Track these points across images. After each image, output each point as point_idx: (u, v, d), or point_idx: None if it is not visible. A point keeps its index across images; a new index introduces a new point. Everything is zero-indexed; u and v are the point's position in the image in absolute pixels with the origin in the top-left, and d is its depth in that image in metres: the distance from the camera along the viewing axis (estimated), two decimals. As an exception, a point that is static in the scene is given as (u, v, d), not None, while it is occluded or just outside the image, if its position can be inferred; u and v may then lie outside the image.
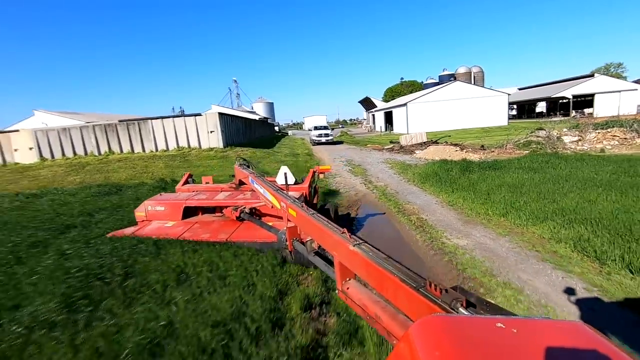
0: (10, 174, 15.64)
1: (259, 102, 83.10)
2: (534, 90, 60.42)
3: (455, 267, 4.90)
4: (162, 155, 17.08)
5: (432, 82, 61.02)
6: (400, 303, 1.60)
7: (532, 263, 4.87)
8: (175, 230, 5.49)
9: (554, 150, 17.50)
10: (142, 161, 16.00)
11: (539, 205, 6.82)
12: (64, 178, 14.47)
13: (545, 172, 9.66)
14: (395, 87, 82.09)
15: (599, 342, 0.79)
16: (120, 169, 15.15)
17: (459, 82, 41.88)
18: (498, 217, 6.78)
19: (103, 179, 13.88)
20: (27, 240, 5.61)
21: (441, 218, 7.18)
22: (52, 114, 34.83)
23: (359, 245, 1.97)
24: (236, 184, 6.33)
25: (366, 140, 32.96)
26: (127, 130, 17.59)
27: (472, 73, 64.15)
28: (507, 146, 19.58)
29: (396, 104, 46.80)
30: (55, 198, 10.77)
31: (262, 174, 5.85)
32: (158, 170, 14.64)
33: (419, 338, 0.84)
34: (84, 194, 11.09)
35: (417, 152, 19.24)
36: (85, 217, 7.20)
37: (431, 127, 36.57)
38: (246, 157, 17.64)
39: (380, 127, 52.33)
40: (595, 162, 11.21)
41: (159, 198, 6.23)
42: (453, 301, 1.26)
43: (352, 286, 2.19)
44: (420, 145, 20.35)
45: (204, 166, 15.47)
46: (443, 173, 10.85)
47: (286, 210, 3.20)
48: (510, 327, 0.82)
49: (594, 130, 20.49)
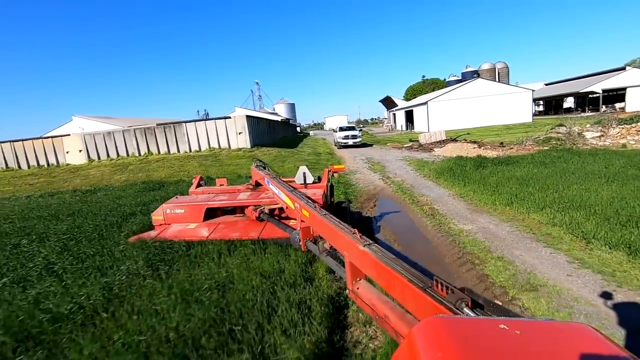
0: (64, 174, 17.54)
1: (280, 104, 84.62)
2: (562, 86, 58.72)
3: (457, 245, 5.72)
4: (196, 155, 18.57)
5: (454, 79, 60.32)
6: (407, 303, 1.62)
7: (526, 243, 5.61)
8: (201, 232, 5.55)
9: (574, 146, 17.62)
10: (178, 161, 17.52)
11: (541, 196, 7.46)
12: (111, 177, 16.13)
13: (554, 167, 10.17)
14: (416, 86, 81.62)
15: (602, 344, 0.78)
16: (159, 168, 16.69)
17: (480, 80, 41.64)
18: (503, 207, 7.48)
19: (145, 177, 15.41)
20: (103, 222, 6.91)
21: (451, 208, 7.94)
22: (88, 118, 36.94)
23: (369, 246, 2.01)
24: (253, 185, 6.45)
25: (386, 139, 33.54)
26: (164, 133, 19.24)
27: (496, 69, 62.95)
28: (526, 143, 19.75)
29: (417, 103, 46.98)
30: (108, 193, 12.27)
31: (277, 175, 6.02)
32: (193, 169, 16.03)
33: (422, 339, 0.84)
34: (132, 189, 12.54)
35: (436, 150, 19.78)
36: (143, 207, 8.47)
37: (452, 125, 36.62)
38: (272, 156, 18.85)
39: (401, 126, 52.56)
40: (609, 156, 11.51)
41: (177, 201, 6.21)
42: (458, 301, 1.28)
43: (362, 286, 2.23)
44: (439, 143, 20.86)
45: (233, 165, 16.74)
46: (457, 169, 11.50)
47: (300, 210, 3.25)
48: (514, 328, 0.82)
49: (618, 126, 20.27)
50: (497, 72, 62.77)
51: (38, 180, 16.59)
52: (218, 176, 13.73)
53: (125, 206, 8.79)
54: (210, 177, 14.04)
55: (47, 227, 7.17)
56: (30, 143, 19.52)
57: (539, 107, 67.87)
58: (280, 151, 21.14)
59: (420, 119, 42.35)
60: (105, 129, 27.25)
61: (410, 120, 47.71)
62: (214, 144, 19.47)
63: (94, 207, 9.32)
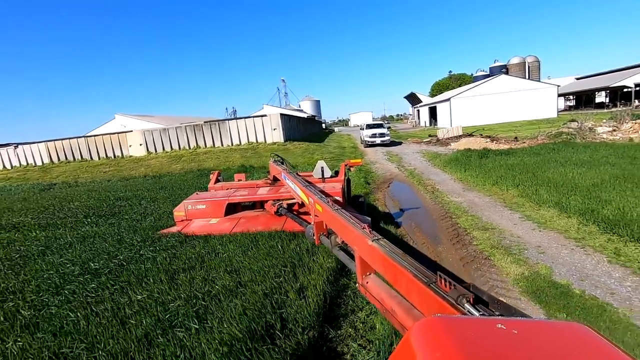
0: (129, 164, 20.86)
1: (306, 100, 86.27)
2: (593, 80, 57.40)
3: (444, 209, 7.87)
4: (237, 148, 21.38)
5: (482, 74, 59.18)
6: (413, 298, 1.66)
7: (496, 208, 7.66)
8: (224, 226, 5.67)
9: (584, 140, 18.88)
10: (223, 153, 20.37)
11: (521, 177, 9.38)
12: (169, 166, 19.20)
13: (544, 156, 11.95)
14: (442, 81, 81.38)
15: (599, 344, 0.79)
16: (207, 159, 19.60)
17: (504, 76, 42.18)
18: (490, 186, 9.47)
19: (197, 166, 18.33)
20: (180, 192, 9.62)
21: (449, 188, 10.02)
22: (129, 117, 38.67)
23: (377, 241, 2.04)
24: (271, 179, 6.56)
25: (408, 135, 35.25)
26: (210, 129, 22.27)
27: (526, 63, 61.90)
28: (539, 137, 21.08)
29: (440, 99, 47.98)
30: (172, 178, 15.18)
31: (294, 169, 6.10)
32: (236, 160, 18.79)
33: (419, 339, 0.84)
34: (190, 175, 15.41)
35: (452, 144, 21.50)
36: (204, 185, 11.15)
37: (475, 121, 37.62)
38: (302, 149, 21.32)
39: (424, 122, 53.61)
40: (603, 148, 13.03)
41: (198, 197, 6.32)
42: (460, 297, 1.30)
43: (371, 280, 2.25)
44: (456, 138, 22.55)
45: (269, 156, 19.35)
46: (463, 159, 13.44)
47: (314, 205, 3.29)
48: (511, 328, 0.82)
49: (631, 121, 21.13)
50: (527, 67, 61.70)
51: (109, 169, 19.95)
52: (259, 166, 16.42)
53: (191, 186, 11.54)
54: (252, 166, 16.71)
55: (154, 194, 10.05)
56: (100, 138, 23.19)
57: (570, 102, 66.46)
58: (309, 145, 23.58)
59: (443, 115, 43.45)
60: (144, 126, 30.45)
61: (434, 116, 48.75)
62: (252, 139, 22.25)
63: (167, 185, 12.15)
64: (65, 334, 3.12)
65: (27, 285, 4.33)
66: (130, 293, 3.85)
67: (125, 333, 3.05)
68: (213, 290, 3.77)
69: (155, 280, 4.09)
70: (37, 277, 4.51)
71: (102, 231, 6.51)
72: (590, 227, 5.74)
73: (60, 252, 5.44)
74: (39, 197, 12.16)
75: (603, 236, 5.36)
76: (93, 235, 6.12)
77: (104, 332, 3.08)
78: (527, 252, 5.19)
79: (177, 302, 3.56)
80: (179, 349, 2.80)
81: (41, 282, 4.34)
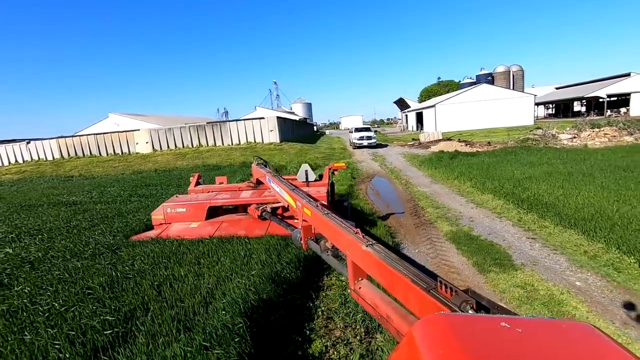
0: (137, 160, 22.62)
1: (297, 103, 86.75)
2: (570, 90, 60.97)
3: (412, 196, 10.03)
4: (237, 147, 23.35)
5: (469, 81, 61.47)
6: (410, 304, 1.61)
7: (452, 195, 9.85)
8: (205, 230, 5.53)
9: (546, 145, 21.37)
10: (224, 151, 22.32)
11: (476, 173, 11.62)
12: (175, 162, 21.06)
13: (501, 158, 14.28)
14: (431, 87, 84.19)
15: (604, 343, 0.79)
16: (210, 156, 21.52)
17: (485, 85, 45.00)
18: (452, 180, 11.69)
19: (201, 163, 20.23)
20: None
21: (420, 181, 12.21)
22: (123, 116, 39.14)
23: (372, 246, 2.01)
24: (254, 183, 6.37)
25: (395, 138, 37.65)
26: (212, 129, 24.23)
27: (511, 72, 64.90)
28: (509, 142, 23.57)
29: (426, 105, 50.65)
30: (182, 172, 17.05)
31: (278, 172, 5.91)
32: (237, 157, 20.75)
33: (422, 336, 0.84)
34: (197, 170, 17.27)
35: (432, 147, 23.84)
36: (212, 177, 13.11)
37: (458, 126, 40.22)
38: (296, 149, 23.38)
39: (412, 127, 56.21)
40: (553, 152, 15.45)
41: (178, 200, 6.19)
42: (463, 303, 1.28)
43: (364, 286, 2.21)
44: (436, 142, 24.92)
45: (267, 155, 21.33)
46: (436, 159, 15.71)
47: (301, 209, 3.22)
48: (515, 326, 0.82)
49: (589, 129, 23.80)
50: (511, 75, 64.77)
51: (119, 164, 21.67)
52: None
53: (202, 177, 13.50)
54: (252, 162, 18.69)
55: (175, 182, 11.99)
56: (109, 136, 24.89)
57: (550, 110, 69.97)
58: (303, 146, 25.67)
59: (429, 121, 46.04)
60: (137, 125, 31.82)
61: (421, 121, 51.37)
62: (251, 139, 24.28)
63: (184, 176, 14.07)
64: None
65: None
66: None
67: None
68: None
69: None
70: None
71: (151, 203, 8.51)
72: (509, 206, 7.95)
73: (131, 214, 7.41)
74: (69, 185, 13.97)
75: (515, 210, 7.57)
76: (146, 207, 8.10)
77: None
78: (461, 220, 7.36)
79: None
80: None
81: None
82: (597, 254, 5.10)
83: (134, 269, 4.04)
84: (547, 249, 5.55)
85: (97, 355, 2.47)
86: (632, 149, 14.75)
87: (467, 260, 5.35)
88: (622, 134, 22.31)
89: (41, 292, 3.48)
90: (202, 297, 3.28)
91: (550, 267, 4.90)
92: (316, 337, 3.32)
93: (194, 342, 2.50)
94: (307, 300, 3.88)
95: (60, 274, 3.91)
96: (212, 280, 3.64)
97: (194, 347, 2.39)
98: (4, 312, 3.11)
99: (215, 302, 3.20)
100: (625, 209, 6.45)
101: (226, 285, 3.49)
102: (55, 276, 3.89)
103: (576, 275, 4.63)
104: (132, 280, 3.70)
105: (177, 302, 3.19)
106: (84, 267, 4.22)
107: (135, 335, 2.69)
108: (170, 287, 3.52)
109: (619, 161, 11.74)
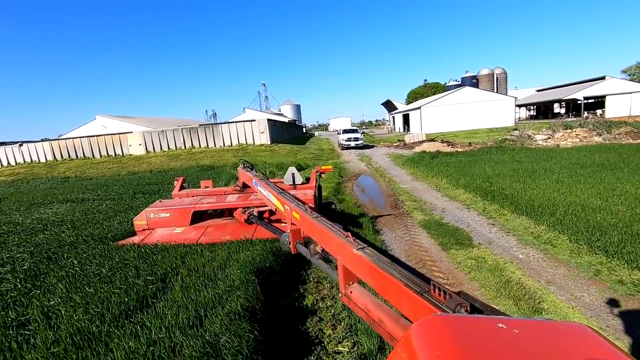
0: (131, 161, 23.16)
1: (286, 104, 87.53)
2: (549, 92, 63.35)
3: (394, 191, 11.05)
4: (229, 149, 24.11)
5: (454, 84, 63.46)
6: (403, 307, 1.60)
7: (429, 190, 10.89)
8: (189, 236, 5.44)
9: (522, 145, 22.72)
10: (217, 153, 23.04)
11: (452, 171, 12.73)
12: (168, 163, 21.69)
13: (477, 157, 15.47)
14: (418, 89, 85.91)
15: (601, 345, 0.79)
16: (204, 157, 22.22)
17: (469, 87, 46.72)
18: (431, 177, 12.76)
19: (195, 164, 20.92)
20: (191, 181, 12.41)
21: (402, 179, 13.26)
22: (111, 118, 38.81)
23: (363, 249, 1.99)
24: (240, 186, 6.36)
25: (382, 139, 38.89)
26: (204, 131, 24.97)
27: (494, 74, 67.26)
28: (488, 143, 24.91)
29: (413, 107, 52.15)
30: (177, 173, 17.70)
31: (265, 176, 5.88)
32: (229, 158, 21.51)
33: (419, 337, 0.84)
34: (193, 170, 18.04)
35: (416, 148, 25.03)
36: (210, 174, 13.91)
37: (443, 128, 41.74)
38: (287, 150, 24.26)
39: (399, 128, 57.66)
40: (525, 152, 16.72)
41: (161, 205, 6.08)
42: (457, 306, 1.28)
43: (355, 290, 2.20)
44: (420, 143, 26.14)
45: (259, 156, 22.18)
46: (418, 159, 16.82)
47: (290, 213, 3.21)
48: (512, 327, 0.83)
49: (562, 130, 25.33)
50: (495, 78, 67.14)
51: (114, 166, 22.17)
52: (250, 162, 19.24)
53: (196, 177, 14.27)
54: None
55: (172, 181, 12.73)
56: (102, 138, 25.34)
57: (532, 111, 72.44)
58: (293, 147, 26.57)
59: (415, 122, 47.49)
60: (125, 127, 32.08)
61: (408, 123, 52.82)
62: (242, 141, 25.10)
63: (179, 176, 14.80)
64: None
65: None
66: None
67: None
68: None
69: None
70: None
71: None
72: (477, 198, 9.02)
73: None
74: (69, 186, 14.56)
75: (481, 202, 8.64)
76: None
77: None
78: (434, 211, 8.39)
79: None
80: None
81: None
82: (540, 234, 6.16)
83: (158, 246, 4.91)
84: (502, 232, 6.60)
85: (148, 300, 3.34)
86: (596, 149, 16.13)
87: (434, 241, 6.35)
88: (592, 135, 23.87)
89: (87, 263, 4.32)
90: (218, 264, 4.17)
91: (501, 245, 5.94)
92: (308, 294, 4.25)
93: (219, 289, 3.39)
94: (301, 270, 4.81)
95: (97, 251, 4.74)
96: (224, 253, 4.54)
97: (221, 291, 3.28)
98: (64, 276, 3.94)
99: (229, 267, 4.10)
100: (571, 198, 7.58)
101: (236, 256, 4.40)
102: (93, 253, 4.72)
103: (521, 250, 5.67)
104: (159, 254, 4.56)
105: (199, 268, 4.08)
106: (114, 247, 5.06)
107: (173, 288, 3.57)
108: (191, 257, 4.40)
109: (581, 159, 13.01)
